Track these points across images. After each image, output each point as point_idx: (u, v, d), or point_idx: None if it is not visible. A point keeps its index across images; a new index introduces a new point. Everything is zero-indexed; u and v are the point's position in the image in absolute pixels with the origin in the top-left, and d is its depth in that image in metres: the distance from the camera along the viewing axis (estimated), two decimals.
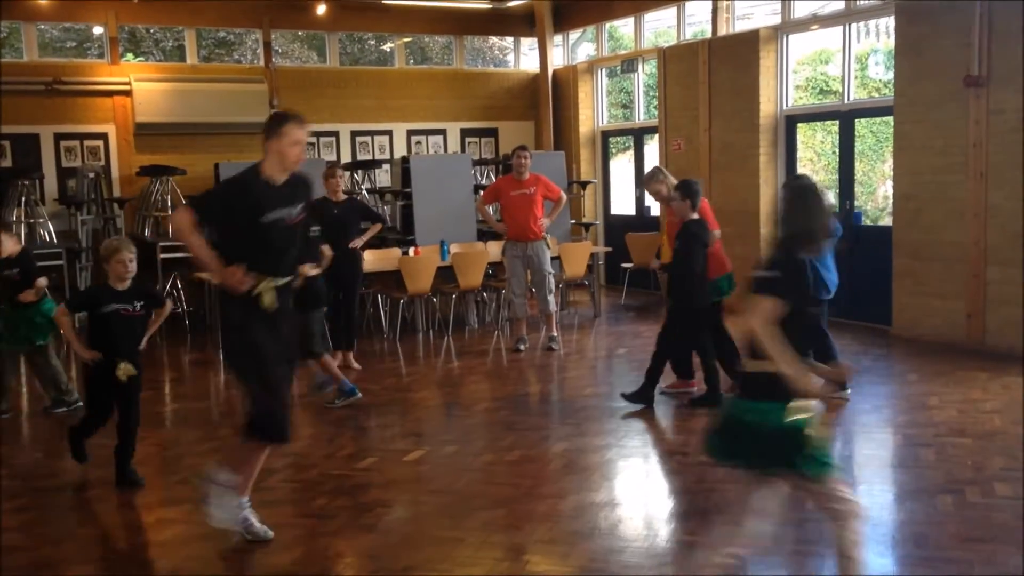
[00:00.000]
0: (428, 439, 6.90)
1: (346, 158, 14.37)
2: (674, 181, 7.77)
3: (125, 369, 5.68)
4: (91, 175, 12.47)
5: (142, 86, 12.87)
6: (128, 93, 12.89)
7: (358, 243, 8.89)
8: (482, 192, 12.63)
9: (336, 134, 14.42)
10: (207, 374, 9.39)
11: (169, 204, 12.55)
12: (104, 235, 12.53)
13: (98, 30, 13.33)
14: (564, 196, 10.05)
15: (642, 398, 7.37)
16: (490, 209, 9.99)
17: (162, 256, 11.45)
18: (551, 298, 9.86)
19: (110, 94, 12.93)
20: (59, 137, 12.72)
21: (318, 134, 14.29)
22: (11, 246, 7.44)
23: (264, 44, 13.96)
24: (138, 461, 5.97)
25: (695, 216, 7.18)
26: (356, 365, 8.97)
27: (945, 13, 9.08)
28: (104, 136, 13.00)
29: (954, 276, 9.15)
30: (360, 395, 7.65)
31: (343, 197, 8.97)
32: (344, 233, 8.59)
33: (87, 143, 12.90)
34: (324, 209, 8.37)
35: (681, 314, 7.29)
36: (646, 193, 9.97)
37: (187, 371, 9.69)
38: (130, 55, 14.19)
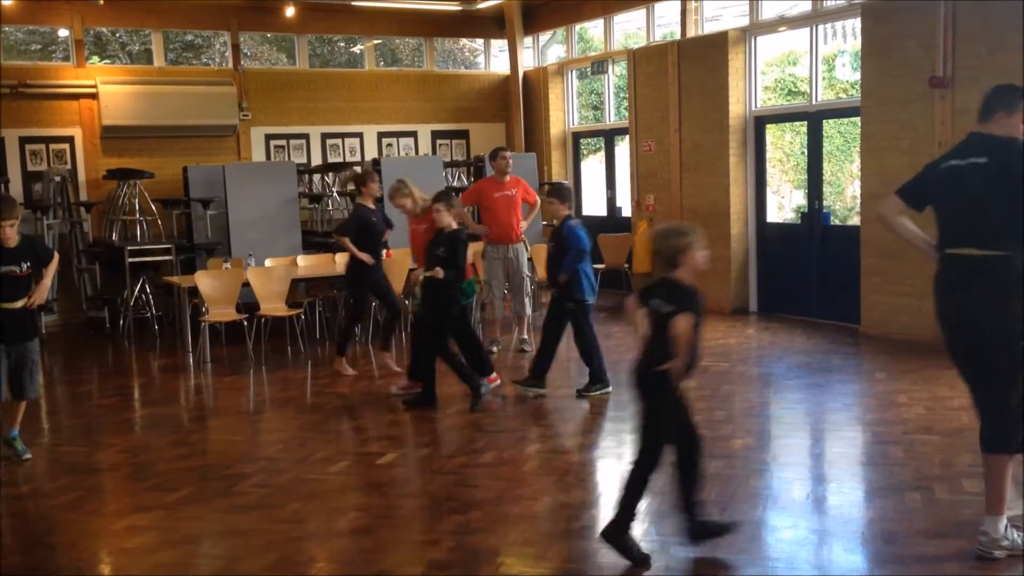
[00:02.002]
0: (401, 442, 6.89)
1: (316, 160, 14.31)
2: (420, 193, 8.03)
3: None
4: (57, 179, 12.33)
5: (108, 89, 12.75)
6: (94, 96, 12.76)
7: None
8: (458, 194, 12.64)
9: (306, 136, 14.36)
10: (176, 379, 9.31)
11: (137, 207, 12.44)
12: (71, 239, 12.41)
13: (63, 33, 13.18)
14: (539, 201, 10.10)
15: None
16: (467, 211, 10.00)
17: (130, 260, 11.36)
18: (527, 301, 9.88)
19: (76, 97, 12.80)
20: (24, 140, 12.57)
21: (288, 136, 14.23)
22: None
23: (232, 46, 13.87)
24: (108, 468, 5.91)
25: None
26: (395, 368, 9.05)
27: (910, 15, 9.20)
28: (70, 139, 12.86)
29: (921, 274, 9.20)
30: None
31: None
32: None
33: (53, 146, 12.76)
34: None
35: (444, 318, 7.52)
36: (615, 195, 9.93)
37: (156, 376, 9.60)
38: (95, 58, 14.05)
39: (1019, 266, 4.27)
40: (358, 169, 9.63)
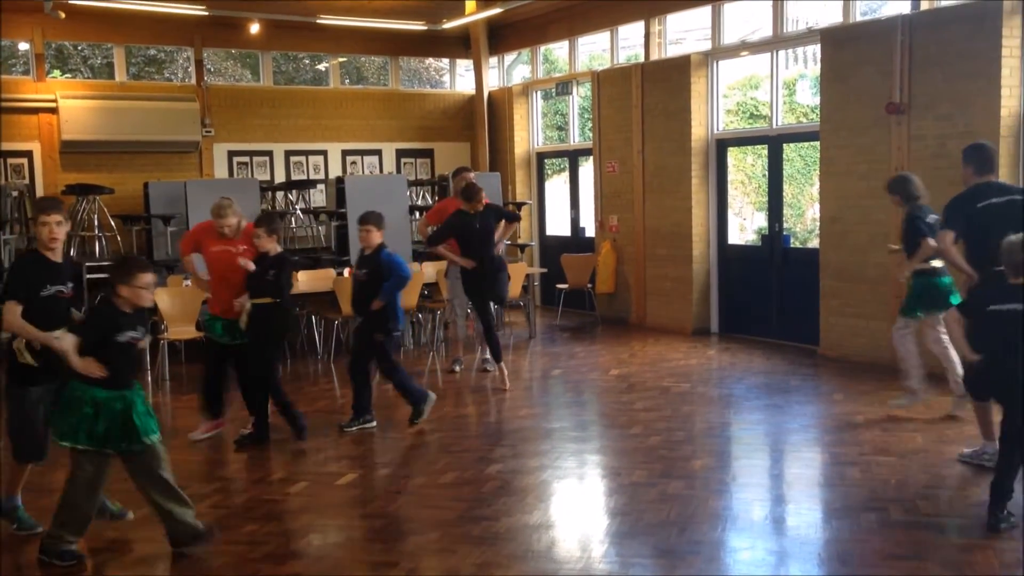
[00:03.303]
0: (361, 462, 6.84)
1: (280, 178, 14.24)
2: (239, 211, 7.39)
3: None
4: (14, 193, 12.14)
5: (69, 103, 12.61)
6: (54, 110, 12.62)
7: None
8: (422, 213, 12.64)
9: (270, 154, 14.28)
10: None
11: (96, 223, 12.29)
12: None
13: (24, 46, 13.03)
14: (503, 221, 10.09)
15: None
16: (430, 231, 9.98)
17: (88, 277, 11.19)
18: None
19: (35, 111, 12.64)
20: None
21: (251, 153, 14.15)
22: None
23: (196, 62, 13.79)
24: (60, 489, 5.77)
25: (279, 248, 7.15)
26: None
27: (868, 42, 9.37)
28: (29, 154, 12.69)
29: (878, 297, 9.39)
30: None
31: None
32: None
33: (11, 161, 12.58)
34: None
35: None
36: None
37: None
38: (56, 71, 13.90)
39: None
40: (472, 176, 9.44)
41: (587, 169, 14.07)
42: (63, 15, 11.83)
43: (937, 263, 6.86)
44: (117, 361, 4.78)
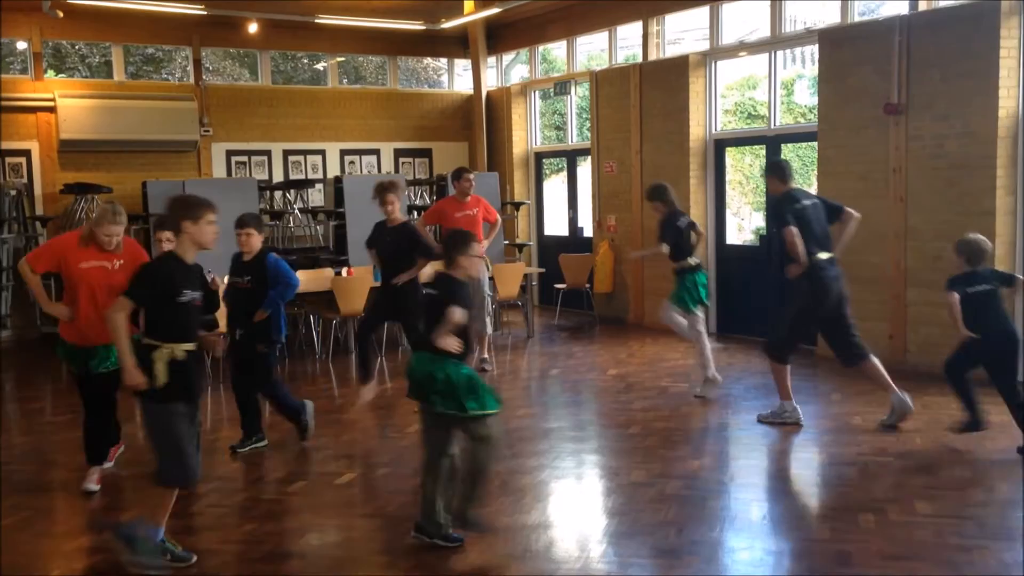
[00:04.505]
0: (360, 462, 6.84)
1: (278, 177, 14.24)
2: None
3: None
4: (13, 193, 12.15)
5: (67, 102, 12.60)
6: (52, 109, 12.61)
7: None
8: (419, 213, 12.64)
9: (268, 153, 14.28)
10: (131, 396, 9.14)
11: None
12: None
13: (22, 45, 13.02)
14: (500, 220, 10.12)
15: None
16: (428, 231, 9.99)
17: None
18: (488, 320, 9.88)
19: (33, 110, 12.63)
20: None
21: (249, 153, 14.15)
22: None
23: (194, 61, 13.78)
24: (59, 487, 5.81)
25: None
26: None
27: (866, 42, 9.38)
28: (27, 153, 12.68)
29: (876, 297, 9.40)
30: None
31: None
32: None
33: (9, 160, 12.57)
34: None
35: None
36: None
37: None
38: (53, 71, 13.89)
39: None
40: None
41: (585, 169, 14.08)
42: (61, 14, 11.82)
43: (694, 260, 8.30)
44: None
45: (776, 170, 7.49)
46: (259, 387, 6.99)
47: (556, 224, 15.11)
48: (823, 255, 7.12)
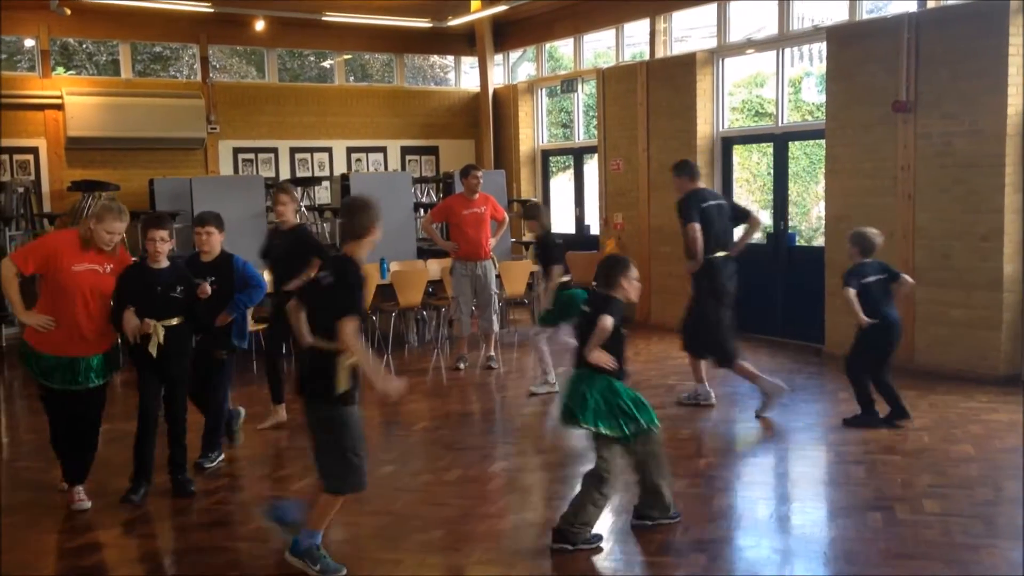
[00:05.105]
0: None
1: (285, 175, 14.25)
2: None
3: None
4: (20, 190, 12.17)
5: (74, 100, 12.63)
6: (60, 107, 12.63)
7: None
8: (426, 210, 12.64)
9: (275, 151, 14.30)
10: (137, 394, 9.16)
11: None
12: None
13: (29, 43, 13.05)
14: (507, 218, 10.14)
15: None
16: (436, 228, 10.03)
17: None
18: (495, 318, 9.89)
19: (41, 108, 12.66)
20: None
21: (256, 150, 14.17)
22: None
23: (201, 59, 13.80)
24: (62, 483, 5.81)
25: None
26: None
27: (874, 40, 9.35)
28: (35, 150, 12.71)
29: None
30: None
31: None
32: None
33: (17, 157, 12.60)
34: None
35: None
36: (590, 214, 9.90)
37: (117, 390, 9.46)
38: (61, 68, 13.92)
39: None
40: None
41: (592, 167, 14.07)
42: (68, 12, 11.84)
43: (567, 278, 8.44)
44: None
45: (684, 170, 7.90)
46: (215, 396, 6.48)
47: (562, 222, 15.09)
48: (720, 254, 7.58)
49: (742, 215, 7.92)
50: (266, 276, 7.03)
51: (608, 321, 4.91)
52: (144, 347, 5.63)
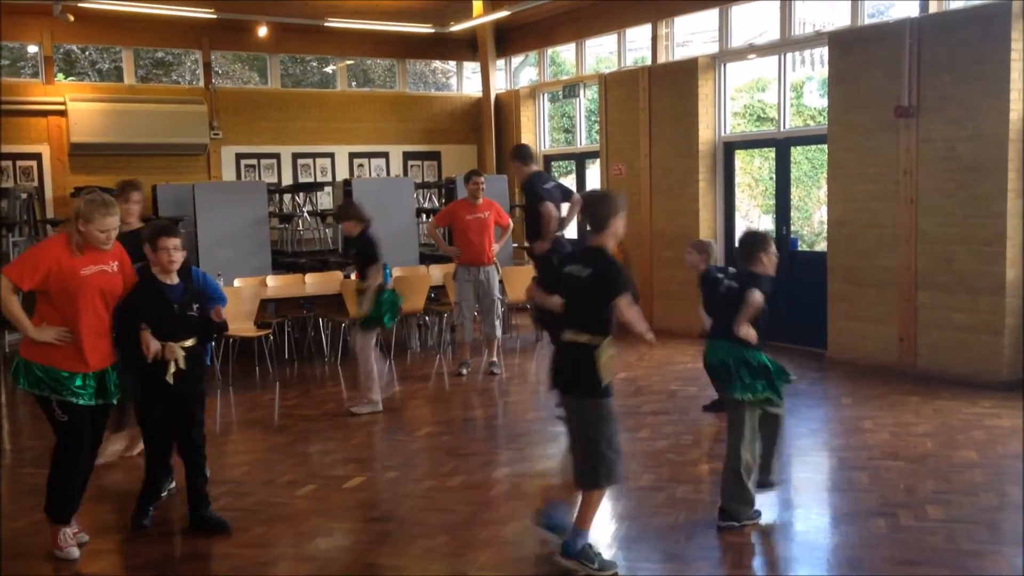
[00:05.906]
0: (369, 465, 6.84)
1: (287, 180, 14.27)
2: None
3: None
4: (24, 196, 12.19)
5: (78, 106, 12.66)
6: (63, 113, 12.67)
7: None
8: (428, 216, 12.65)
9: (277, 156, 14.32)
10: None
11: None
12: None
13: (32, 49, 13.08)
14: (511, 224, 10.15)
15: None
16: (440, 233, 10.04)
17: None
18: (498, 323, 9.89)
19: (44, 114, 12.69)
20: None
21: (259, 156, 14.19)
22: None
23: (204, 65, 13.83)
24: None
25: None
26: None
27: (876, 45, 9.35)
28: (38, 156, 12.74)
29: (886, 300, 9.37)
30: None
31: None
32: None
33: (20, 163, 12.63)
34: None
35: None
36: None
37: None
38: (60, 75, 13.95)
39: None
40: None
41: (594, 172, 14.07)
42: (72, 18, 11.87)
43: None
44: None
45: (520, 155, 8.31)
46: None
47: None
48: (558, 233, 8.00)
49: (567, 195, 8.34)
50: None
51: (758, 296, 5.09)
52: (160, 372, 5.08)
